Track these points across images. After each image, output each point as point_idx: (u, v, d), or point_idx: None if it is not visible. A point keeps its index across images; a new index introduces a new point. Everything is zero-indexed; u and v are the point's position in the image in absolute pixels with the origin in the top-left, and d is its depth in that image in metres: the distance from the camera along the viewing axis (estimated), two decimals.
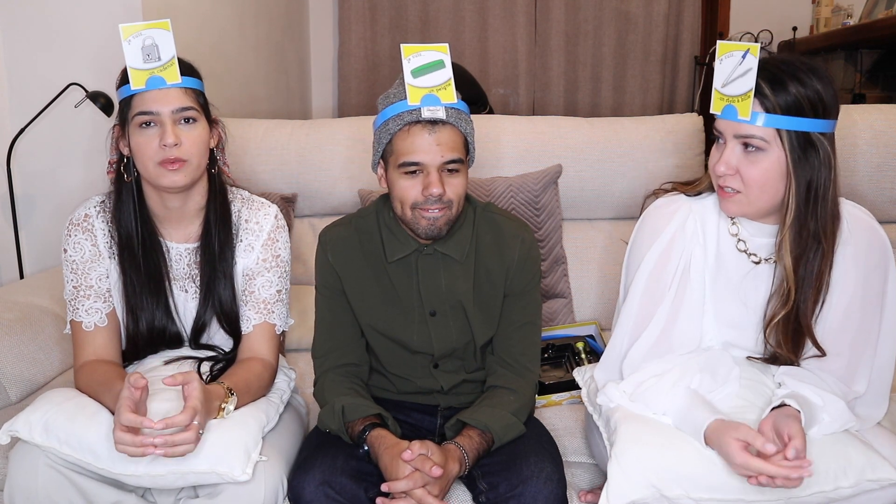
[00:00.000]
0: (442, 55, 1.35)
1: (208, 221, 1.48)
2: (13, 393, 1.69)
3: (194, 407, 1.22)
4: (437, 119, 1.33)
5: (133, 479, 1.27)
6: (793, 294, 1.29)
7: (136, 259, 1.45)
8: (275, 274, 1.51)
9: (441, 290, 1.46)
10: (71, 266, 1.47)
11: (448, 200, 1.36)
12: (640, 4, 4.18)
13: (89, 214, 1.48)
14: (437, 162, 1.34)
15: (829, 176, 1.25)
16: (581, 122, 2.25)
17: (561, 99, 4.27)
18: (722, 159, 1.28)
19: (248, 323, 1.49)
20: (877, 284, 1.33)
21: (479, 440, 1.36)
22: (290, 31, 3.85)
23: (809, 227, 1.27)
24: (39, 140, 2.29)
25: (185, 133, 1.38)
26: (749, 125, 1.24)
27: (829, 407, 1.26)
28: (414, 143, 1.33)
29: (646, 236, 1.41)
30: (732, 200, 1.31)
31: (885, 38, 3.03)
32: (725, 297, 1.38)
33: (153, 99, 1.36)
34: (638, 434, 1.27)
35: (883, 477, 1.23)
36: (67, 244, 1.47)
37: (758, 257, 1.36)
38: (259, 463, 1.30)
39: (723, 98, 1.27)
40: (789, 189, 1.26)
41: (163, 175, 1.38)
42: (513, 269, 1.47)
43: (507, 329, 1.49)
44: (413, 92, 1.34)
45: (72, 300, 1.46)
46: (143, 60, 1.35)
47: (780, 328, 1.32)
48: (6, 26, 2.25)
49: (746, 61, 1.23)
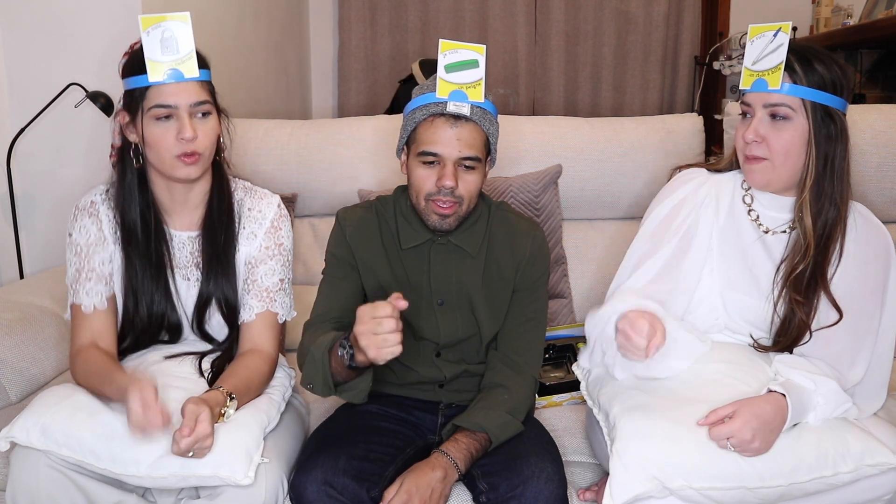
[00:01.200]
0: (478, 55, 1.39)
1: (211, 209, 1.50)
2: (13, 393, 1.69)
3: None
4: (461, 115, 1.37)
5: (135, 479, 1.27)
6: (811, 249, 1.36)
7: (139, 245, 1.46)
8: (277, 262, 1.52)
9: (451, 281, 1.48)
10: (75, 249, 1.48)
11: (459, 196, 1.40)
12: (640, 4, 4.18)
13: (95, 201, 1.50)
14: (454, 156, 1.37)
15: (844, 149, 1.37)
16: (581, 122, 2.25)
17: (561, 99, 4.27)
18: (751, 128, 1.38)
19: (250, 311, 1.49)
20: (877, 273, 1.38)
21: (467, 441, 1.36)
22: (290, 31, 3.85)
23: (827, 192, 1.37)
24: (39, 140, 2.29)
25: (200, 126, 1.40)
26: (778, 94, 1.34)
27: (822, 388, 1.30)
28: (435, 134, 1.38)
29: (661, 196, 1.52)
30: (757, 168, 1.39)
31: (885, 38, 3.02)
32: (732, 260, 1.44)
33: (171, 92, 1.37)
34: (638, 428, 1.28)
35: (882, 461, 1.27)
36: (73, 228, 1.49)
37: (766, 227, 1.43)
38: (260, 465, 1.29)
39: (752, 74, 1.37)
40: (810, 157, 1.36)
41: (179, 168, 1.40)
42: (523, 265, 1.49)
43: (511, 324, 1.50)
44: (443, 86, 1.38)
45: (73, 283, 1.47)
46: (161, 52, 1.35)
47: (796, 285, 1.37)
48: (6, 26, 2.25)
49: (778, 38, 1.35)
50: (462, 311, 1.49)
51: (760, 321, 1.42)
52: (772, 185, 1.41)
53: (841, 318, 1.36)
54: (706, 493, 1.24)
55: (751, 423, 1.23)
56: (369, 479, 1.33)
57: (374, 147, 2.17)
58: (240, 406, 1.35)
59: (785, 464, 1.26)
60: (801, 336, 1.37)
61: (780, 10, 3.97)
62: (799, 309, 1.36)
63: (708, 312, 1.45)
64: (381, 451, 1.40)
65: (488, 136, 1.42)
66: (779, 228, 1.43)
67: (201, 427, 1.22)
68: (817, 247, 1.36)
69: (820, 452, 1.27)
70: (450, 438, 1.38)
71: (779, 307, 1.40)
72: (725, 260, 1.44)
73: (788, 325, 1.38)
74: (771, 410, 1.25)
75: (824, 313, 1.37)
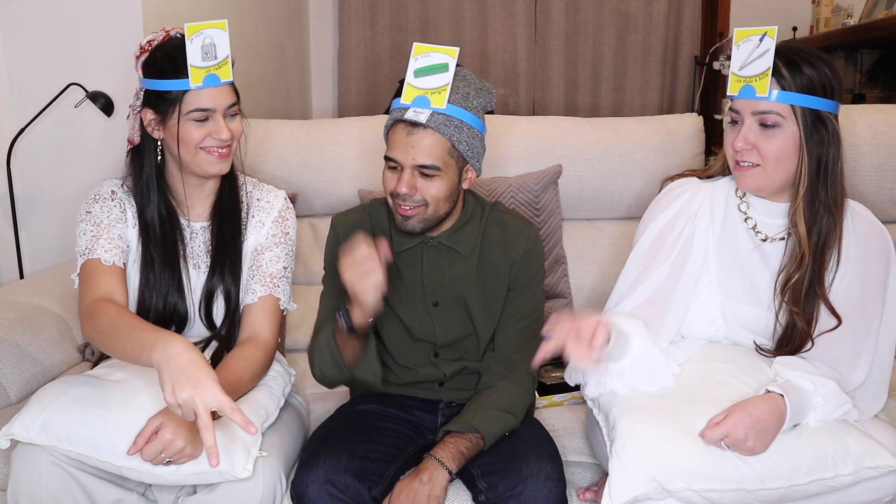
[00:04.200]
0: (449, 59, 1.36)
1: (221, 198, 1.55)
2: (13, 393, 1.69)
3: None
4: (417, 122, 1.35)
5: (135, 472, 1.28)
6: (807, 258, 1.35)
7: (157, 240, 1.49)
8: (282, 250, 1.56)
9: (444, 283, 1.48)
10: (94, 220, 1.48)
11: (421, 200, 1.39)
12: (640, 4, 4.18)
13: (115, 191, 1.53)
14: (409, 163, 1.37)
15: (837, 152, 1.34)
16: (581, 122, 2.25)
17: (561, 99, 4.27)
18: (740, 136, 1.35)
19: (253, 295, 1.52)
20: (877, 273, 1.37)
21: (455, 441, 1.37)
22: (290, 31, 3.85)
23: (821, 198, 1.34)
24: (39, 140, 2.29)
25: (231, 126, 1.47)
26: (767, 101, 1.32)
27: (821, 389, 1.29)
28: (395, 140, 1.39)
29: (653, 211, 1.49)
30: (750, 174, 1.37)
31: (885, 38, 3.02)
32: (730, 270, 1.43)
33: (209, 96, 1.43)
34: (637, 429, 1.28)
35: (882, 464, 1.26)
36: (93, 207, 1.49)
37: (764, 235, 1.41)
38: (258, 459, 1.30)
39: (740, 80, 1.35)
40: (802, 162, 1.34)
41: (212, 164, 1.46)
42: (517, 263, 1.49)
43: (507, 322, 1.51)
44: (409, 91, 1.37)
45: (90, 246, 1.46)
46: (201, 59, 1.41)
47: (793, 295, 1.36)
48: (6, 26, 2.24)
49: (764, 43, 1.32)
50: (457, 311, 1.49)
51: (763, 329, 1.42)
52: (764, 189, 1.39)
53: (840, 324, 1.35)
54: (705, 495, 1.24)
55: (743, 421, 1.23)
56: (371, 478, 1.33)
57: (374, 147, 2.17)
58: (235, 399, 1.35)
59: (784, 465, 1.25)
60: (803, 344, 1.37)
61: (780, 10, 4.01)
62: (799, 319, 1.35)
63: (707, 324, 1.45)
64: (382, 451, 1.40)
65: (454, 143, 1.38)
66: (776, 235, 1.41)
67: (162, 434, 1.23)
68: (813, 255, 1.35)
69: (820, 454, 1.26)
70: (438, 444, 1.38)
71: (780, 316, 1.39)
72: (724, 270, 1.43)
73: (791, 333, 1.38)
74: (766, 410, 1.24)
75: (825, 319, 1.36)
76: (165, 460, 1.24)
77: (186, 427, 1.24)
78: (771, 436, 1.25)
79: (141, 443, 1.24)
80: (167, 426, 1.24)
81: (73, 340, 1.91)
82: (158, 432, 1.24)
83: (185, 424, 1.24)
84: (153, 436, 1.24)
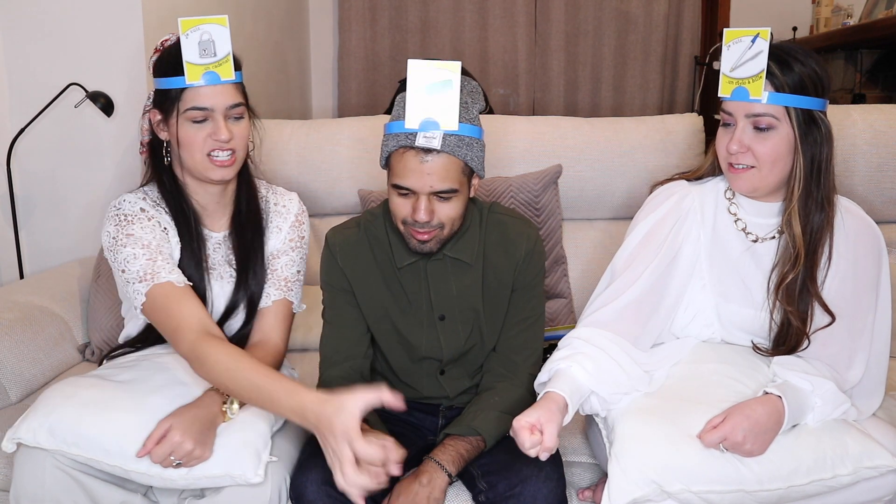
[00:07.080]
0: (451, 74, 1.28)
1: (239, 208, 1.52)
2: (13, 393, 1.69)
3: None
4: (431, 147, 1.29)
5: (144, 476, 1.27)
6: (801, 257, 1.34)
7: (188, 248, 1.45)
8: (297, 254, 1.56)
9: (452, 295, 1.46)
10: (140, 244, 1.38)
11: (438, 223, 1.36)
12: (640, 4, 4.18)
13: (144, 208, 1.44)
14: (426, 190, 1.31)
15: (829, 150, 1.35)
16: (581, 122, 2.25)
17: (561, 99, 4.27)
18: (734, 139, 1.34)
19: (267, 298, 1.51)
20: (869, 269, 1.38)
21: (454, 443, 1.37)
22: (290, 31, 3.85)
23: (814, 195, 1.34)
24: (39, 140, 2.28)
25: (234, 128, 1.41)
26: (761, 104, 1.31)
27: (819, 389, 1.29)
28: (406, 167, 1.31)
29: (641, 214, 1.49)
30: (744, 176, 1.36)
31: (885, 38, 3.03)
32: (723, 273, 1.42)
33: (207, 95, 1.38)
34: (636, 431, 1.28)
35: (881, 464, 1.26)
36: (132, 229, 1.39)
37: (755, 236, 1.41)
38: (269, 463, 1.30)
39: (731, 81, 1.34)
40: (797, 163, 1.34)
41: (212, 170, 1.41)
42: (520, 265, 1.48)
43: (509, 323, 1.50)
44: (412, 115, 1.29)
45: (147, 272, 1.36)
46: (199, 55, 1.36)
47: (787, 294, 1.35)
48: (6, 26, 2.24)
49: (756, 44, 1.31)
50: (464, 323, 1.47)
51: (758, 329, 1.42)
52: (759, 191, 1.38)
53: (833, 321, 1.35)
54: (704, 497, 1.24)
55: (741, 424, 1.22)
56: None
57: (374, 147, 2.17)
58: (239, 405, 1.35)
59: (783, 466, 1.25)
60: (800, 343, 1.36)
61: (780, 10, 4.01)
62: (793, 318, 1.35)
63: (703, 327, 1.44)
64: None
65: (466, 162, 1.33)
66: (767, 235, 1.41)
67: (171, 436, 1.23)
68: (807, 254, 1.35)
69: (818, 455, 1.26)
70: (437, 446, 1.38)
71: (775, 315, 1.39)
72: (717, 273, 1.42)
73: (786, 332, 1.37)
74: (764, 412, 1.24)
75: (819, 316, 1.36)
76: (175, 462, 1.24)
77: (195, 429, 1.25)
78: (769, 438, 1.25)
79: (150, 445, 1.24)
80: (176, 428, 1.24)
81: (73, 340, 1.91)
82: (167, 434, 1.23)
83: (195, 426, 1.25)
84: (162, 438, 1.24)
